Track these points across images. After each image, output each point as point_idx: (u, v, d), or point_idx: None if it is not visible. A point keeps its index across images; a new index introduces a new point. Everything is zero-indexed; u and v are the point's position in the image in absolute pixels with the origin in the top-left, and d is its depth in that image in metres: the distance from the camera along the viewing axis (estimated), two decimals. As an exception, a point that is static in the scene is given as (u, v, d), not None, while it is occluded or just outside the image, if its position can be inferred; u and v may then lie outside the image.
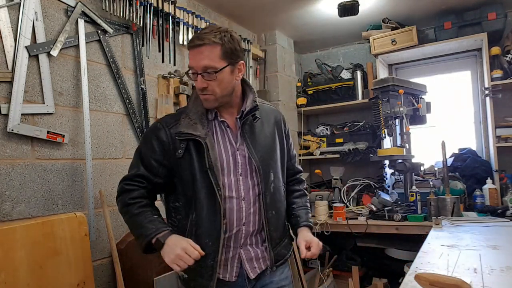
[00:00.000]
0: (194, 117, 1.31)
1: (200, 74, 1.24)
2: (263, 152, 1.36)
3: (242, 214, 1.33)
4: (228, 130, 1.36)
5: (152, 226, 1.25)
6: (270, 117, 1.45)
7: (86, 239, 1.68)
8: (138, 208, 1.29)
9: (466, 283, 0.94)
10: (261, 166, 1.34)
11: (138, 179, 1.32)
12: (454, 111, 3.29)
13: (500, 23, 2.74)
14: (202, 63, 1.23)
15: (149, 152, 1.31)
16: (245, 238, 1.34)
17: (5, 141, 1.55)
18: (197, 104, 1.33)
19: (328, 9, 2.85)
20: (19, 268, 1.41)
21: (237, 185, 1.32)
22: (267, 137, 1.40)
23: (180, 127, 1.29)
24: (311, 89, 3.50)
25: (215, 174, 1.26)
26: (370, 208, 2.80)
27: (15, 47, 1.59)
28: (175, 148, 1.28)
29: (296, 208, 1.50)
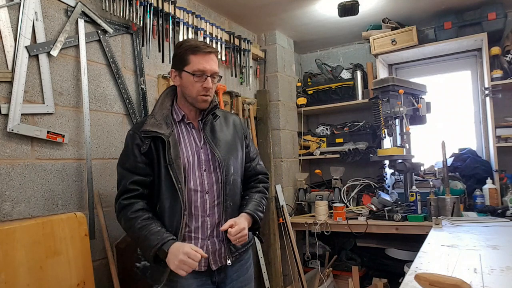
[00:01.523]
0: (159, 118, 1.46)
1: (210, 77, 1.44)
2: (224, 149, 1.51)
3: (206, 206, 1.47)
4: (194, 131, 1.52)
5: (156, 237, 1.34)
6: (229, 121, 1.62)
7: (86, 239, 1.68)
8: (140, 222, 1.38)
9: (466, 283, 0.94)
10: (224, 162, 1.48)
11: (132, 187, 1.42)
12: (454, 111, 3.29)
13: (500, 23, 2.74)
14: (214, 68, 1.45)
15: (133, 159, 1.43)
16: (211, 229, 1.48)
17: (5, 141, 1.55)
18: (163, 108, 1.50)
19: (328, 9, 2.85)
20: (19, 268, 1.41)
21: (201, 180, 1.47)
22: (227, 136, 1.56)
23: (145, 126, 1.43)
24: (311, 89, 3.50)
25: (174, 169, 1.40)
26: (370, 208, 2.80)
27: (15, 47, 1.59)
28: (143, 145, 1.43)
29: (246, 199, 1.60)
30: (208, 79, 1.43)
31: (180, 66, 1.46)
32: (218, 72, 1.48)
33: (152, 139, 1.43)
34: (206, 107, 1.49)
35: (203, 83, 1.43)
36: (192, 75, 1.42)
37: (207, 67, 1.43)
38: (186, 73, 1.44)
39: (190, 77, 1.43)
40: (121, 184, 1.45)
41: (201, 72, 1.42)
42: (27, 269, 1.43)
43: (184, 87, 1.47)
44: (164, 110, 1.49)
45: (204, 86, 1.43)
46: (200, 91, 1.44)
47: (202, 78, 1.43)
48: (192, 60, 1.43)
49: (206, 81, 1.43)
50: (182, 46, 1.46)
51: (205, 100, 1.46)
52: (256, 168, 1.69)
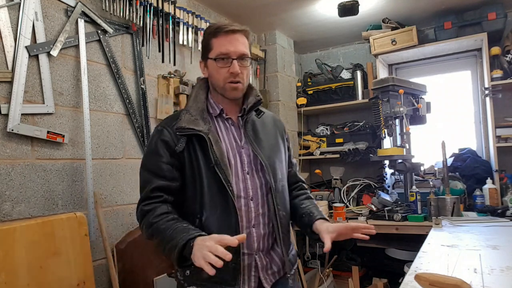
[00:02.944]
0: (195, 113, 1.26)
1: (237, 60, 1.23)
2: (268, 150, 1.31)
3: (251, 215, 1.25)
4: (233, 127, 1.31)
5: (181, 234, 1.10)
6: (270, 120, 1.43)
7: (86, 239, 1.68)
8: (164, 223, 1.16)
9: (466, 283, 0.94)
10: (268, 164, 1.27)
11: (155, 193, 1.21)
12: (454, 111, 3.29)
13: (500, 23, 2.74)
14: (240, 49, 1.24)
15: (158, 159, 1.22)
16: (257, 242, 1.25)
17: (5, 141, 1.55)
18: (197, 101, 1.30)
19: (328, 9, 2.85)
20: (19, 268, 1.41)
21: (244, 184, 1.25)
22: (270, 136, 1.36)
23: (180, 122, 1.23)
24: (311, 89, 3.50)
25: (222, 169, 1.18)
26: (370, 208, 2.79)
27: (15, 47, 1.59)
28: (177, 144, 1.23)
29: (305, 207, 1.38)
30: (234, 63, 1.22)
31: (205, 55, 1.29)
32: (247, 54, 1.26)
33: (188, 137, 1.23)
34: (238, 96, 1.28)
35: (228, 67, 1.22)
36: (214, 60, 1.24)
37: (231, 49, 1.22)
38: (211, 60, 1.26)
39: (214, 64, 1.24)
40: (144, 190, 1.24)
41: (224, 55, 1.22)
42: (27, 269, 1.43)
43: (212, 77, 1.29)
44: (199, 104, 1.29)
45: (230, 71, 1.22)
46: (226, 77, 1.24)
47: (227, 62, 1.22)
48: (214, 44, 1.24)
49: (232, 65, 1.22)
50: (205, 32, 1.29)
51: (235, 87, 1.25)
52: (296, 175, 1.50)
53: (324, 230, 1.23)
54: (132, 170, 2.08)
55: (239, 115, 1.32)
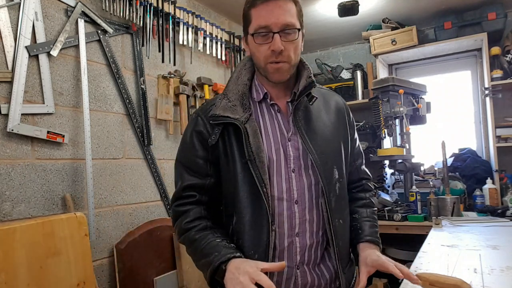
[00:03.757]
0: (233, 98, 1.07)
1: (278, 33, 0.99)
2: (322, 143, 1.08)
3: (294, 221, 1.04)
4: (279, 115, 1.09)
5: (214, 253, 0.97)
6: (330, 103, 1.18)
7: (86, 239, 1.68)
8: (196, 233, 1.04)
9: (466, 283, 0.94)
10: (320, 160, 1.05)
11: (187, 192, 1.08)
12: (454, 111, 3.29)
13: (500, 23, 2.74)
14: (282, 19, 1.00)
15: (190, 152, 1.08)
16: (301, 254, 1.05)
17: (5, 141, 1.55)
18: (238, 83, 1.10)
19: (328, 9, 2.85)
20: (19, 268, 1.41)
21: (288, 184, 1.04)
22: (327, 126, 1.12)
23: (215, 109, 1.05)
24: (311, 89, 3.50)
25: (257, 166, 1.00)
26: (370, 208, 2.79)
27: (15, 47, 1.59)
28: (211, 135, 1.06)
29: (358, 219, 1.17)
30: (275, 38, 0.99)
31: (245, 29, 1.09)
32: (293, 24, 1.01)
33: (224, 126, 1.05)
34: (283, 78, 1.06)
35: (269, 44, 1.00)
36: (252, 36, 1.03)
37: (271, 20, 0.99)
38: (250, 36, 1.05)
39: (252, 40, 1.04)
40: (176, 186, 1.11)
41: (263, 29, 1.00)
42: (27, 269, 1.43)
43: (253, 56, 1.08)
44: (240, 86, 1.09)
45: (271, 48, 1.00)
46: (267, 56, 1.01)
47: (267, 37, 1.00)
48: (253, 15, 1.02)
49: (273, 41, 0.99)
50: (246, 2, 1.07)
51: (277, 68, 1.02)
52: (360, 169, 1.25)
53: (362, 261, 1.08)
54: (132, 170, 2.08)
55: (288, 100, 1.10)
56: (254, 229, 1.02)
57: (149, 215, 2.15)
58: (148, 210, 2.15)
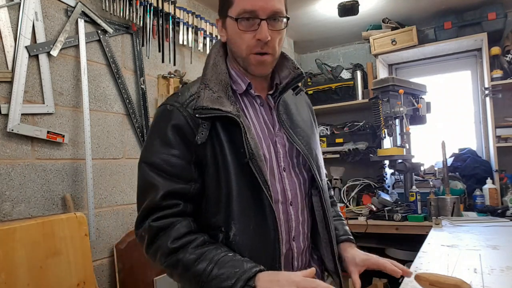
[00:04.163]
0: (216, 89, 0.92)
1: (265, 21, 0.88)
2: (306, 139, 1.01)
3: (291, 224, 0.96)
4: (262, 109, 0.99)
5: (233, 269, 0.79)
6: (299, 98, 1.10)
7: (86, 239, 1.68)
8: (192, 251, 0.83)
9: (466, 283, 0.94)
10: (311, 157, 0.99)
11: (168, 201, 0.87)
12: (454, 111, 3.29)
13: (500, 23, 2.74)
14: (271, 4, 0.88)
15: (168, 151, 0.89)
16: (297, 260, 0.98)
17: (5, 141, 1.55)
18: (218, 72, 0.95)
19: (328, 9, 2.85)
20: (19, 268, 1.41)
21: (282, 185, 0.95)
22: (305, 120, 1.06)
23: (201, 100, 0.89)
24: (311, 89, 3.50)
25: (259, 166, 0.87)
26: (370, 208, 2.79)
27: (15, 47, 1.59)
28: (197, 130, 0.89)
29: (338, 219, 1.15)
30: (262, 26, 0.87)
31: (223, 11, 0.96)
32: (281, 11, 0.90)
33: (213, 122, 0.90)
34: (266, 72, 0.96)
35: (254, 32, 0.89)
36: (236, 21, 0.90)
37: (258, 4, 0.87)
38: (230, 20, 0.92)
39: (234, 25, 0.91)
40: (148, 196, 0.88)
41: (249, 13, 0.88)
42: (27, 269, 1.43)
43: (232, 43, 0.95)
44: (222, 76, 0.95)
45: (257, 37, 0.88)
46: (251, 46, 0.90)
47: (253, 24, 0.88)
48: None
49: (259, 29, 0.88)
50: None
51: (262, 61, 0.91)
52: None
53: (351, 261, 1.04)
54: (132, 170, 2.08)
55: (270, 93, 1.01)
56: (259, 239, 0.89)
57: (149, 215, 2.15)
58: (148, 210, 2.15)
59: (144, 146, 0.96)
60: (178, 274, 0.85)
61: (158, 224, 0.86)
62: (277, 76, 1.02)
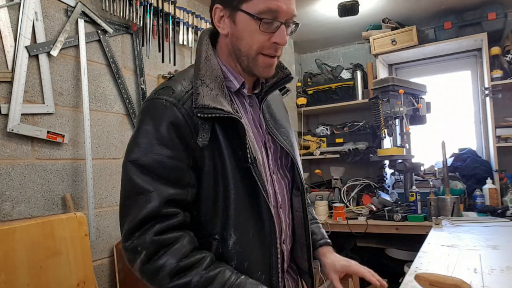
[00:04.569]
0: (213, 86, 0.85)
1: (286, 25, 0.85)
2: (290, 138, 1.00)
3: (282, 227, 0.94)
4: (252, 109, 0.95)
5: None
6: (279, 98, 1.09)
7: (86, 239, 1.68)
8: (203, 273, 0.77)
9: (466, 283, 0.94)
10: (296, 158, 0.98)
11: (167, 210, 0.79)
12: (454, 111, 3.29)
13: (500, 23, 2.74)
14: (292, 8, 0.85)
15: (160, 150, 0.80)
16: (286, 262, 0.98)
17: (5, 141, 1.55)
18: (211, 67, 0.87)
19: (328, 9, 2.85)
20: (19, 268, 1.41)
21: (273, 188, 0.93)
22: (284, 121, 1.03)
23: (201, 99, 0.81)
24: (311, 89, 3.50)
25: (259, 171, 0.84)
26: (370, 208, 2.79)
27: (15, 47, 1.59)
28: (196, 132, 0.82)
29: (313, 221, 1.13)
30: (281, 29, 0.84)
31: (234, 2, 0.84)
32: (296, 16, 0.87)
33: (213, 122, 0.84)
34: (269, 75, 0.91)
35: (271, 35, 0.84)
36: (258, 20, 0.82)
37: (283, 6, 0.82)
38: (246, 16, 0.83)
39: (252, 24, 0.83)
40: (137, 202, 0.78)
41: (272, 14, 0.82)
42: (27, 269, 1.43)
43: (239, 39, 0.86)
44: (216, 71, 0.87)
45: (273, 40, 0.84)
46: (265, 47, 0.85)
47: (271, 26, 0.83)
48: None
49: (278, 32, 0.83)
50: None
51: (271, 63, 0.87)
52: None
53: (331, 267, 1.02)
54: (132, 170, 2.08)
55: (256, 92, 0.98)
56: (260, 245, 0.86)
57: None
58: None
59: (131, 143, 0.83)
60: None
61: (161, 239, 0.77)
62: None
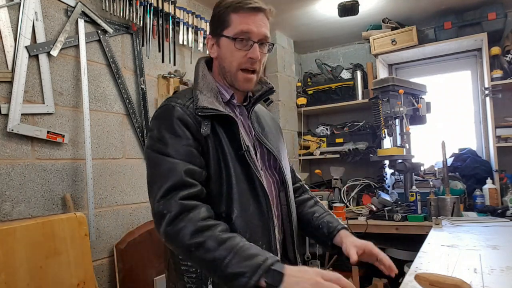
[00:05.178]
0: (209, 95, 1.07)
1: (257, 43, 1.06)
2: (276, 143, 1.18)
3: None
4: (242, 117, 1.15)
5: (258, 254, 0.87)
6: (266, 112, 1.30)
7: (86, 239, 1.68)
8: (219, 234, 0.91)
9: (466, 283, 0.94)
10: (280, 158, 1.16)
11: (189, 179, 0.95)
12: (454, 111, 3.29)
13: (500, 23, 2.74)
14: (263, 30, 1.07)
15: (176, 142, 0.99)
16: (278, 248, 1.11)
17: (5, 141, 1.55)
18: (207, 82, 1.11)
19: (328, 9, 2.85)
20: (19, 268, 1.41)
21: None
22: (272, 131, 1.22)
23: (201, 102, 1.03)
24: (311, 89, 3.50)
25: (252, 158, 1.03)
26: (370, 208, 2.79)
27: (15, 47, 1.59)
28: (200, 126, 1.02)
29: (320, 217, 1.23)
30: (254, 47, 1.05)
31: (218, 30, 1.09)
32: (269, 38, 1.09)
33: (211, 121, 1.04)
34: (250, 89, 1.12)
35: (247, 51, 1.05)
36: (233, 40, 1.05)
37: (253, 29, 1.04)
38: (226, 39, 1.07)
39: (230, 44, 1.06)
40: (169, 177, 0.94)
41: (245, 35, 1.05)
42: (27, 269, 1.43)
43: (223, 59, 1.10)
44: (211, 85, 1.10)
45: (248, 56, 1.05)
46: (242, 63, 1.06)
47: (246, 44, 1.05)
48: (233, 20, 1.06)
49: (252, 49, 1.05)
50: (221, 4, 1.09)
51: (249, 79, 1.08)
52: (295, 172, 1.36)
53: (350, 243, 1.12)
54: (132, 170, 2.08)
55: (244, 104, 1.17)
56: (259, 220, 1.04)
57: (149, 215, 2.15)
58: (148, 210, 2.15)
59: (152, 137, 1.03)
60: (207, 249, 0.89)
61: (185, 203, 0.92)
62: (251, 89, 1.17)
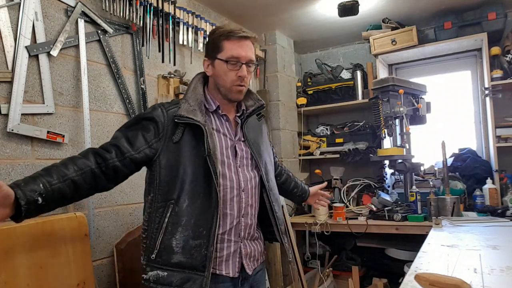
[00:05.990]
0: (193, 104, 1.33)
1: (245, 65, 1.34)
2: (259, 149, 1.45)
3: (241, 205, 1.36)
4: (227, 124, 1.40)
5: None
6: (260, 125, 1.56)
7: (86, 239, 1.68)
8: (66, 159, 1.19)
9: (466, 283, 0.94)
10: (261, 161, 1.42)
11: (110, 148, 1.24)
12: (454, 111, 3.29)
13: (500, 23, 2.74)
14: (250, 55, 1.35)
15: (139, 128, 1.28)
16: (244, 231, 1.38)
17: (5, 141, 1.55)
18: (196, 93, 1.37)
19: (328, 9, 2.85)
20: (19, 268, 1.41)
21: (237, 176, 1.36)
22: (262, 140, 1.50)
23: (180, 110, 1.29)
24: (311, 89, 3.50)
25: (213, 161, 1.26)
26: (370, 208, 2.80)
27: (15, 47, 1.59)
28: (172, 132, 1.28)
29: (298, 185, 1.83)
30: (243, 67, 1.33)
31: (213, 54, 1.36)
32: (254, 60, 1.38)
33: (186, 127, 1.30)
34: (241, 98, 1.40)
35: (237, 71, 1.33)
36: (225, 62, 1.32)
37: (242, 54, 1.33)
38: (219, 61, 1.34)
39: (223, 65, 1.33)
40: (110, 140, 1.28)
41: (236, 59, 1.32)
42: (27, 269, 1.43)
43: (217, 77, 1.36)
44: (198, 96, 1.36)
45: (238, 74, 1.33)
46: (234, 80, 1.34)
47: (236, 66, 1.33)
48: (226, 47, 1.33)
49: (241, 69, 1.33)
50: (215, 33, 1.37)
51: (240, 90, 1.36)
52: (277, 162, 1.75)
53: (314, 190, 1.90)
54: (132, 170, 2.08)
55: (238, 115, 1.43)
56: (203, 212, 1.26)
57: (149, 215, 2.15)
58: (148, 210, 2.15)
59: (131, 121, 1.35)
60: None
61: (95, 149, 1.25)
62: (243, 104, 1.45)
